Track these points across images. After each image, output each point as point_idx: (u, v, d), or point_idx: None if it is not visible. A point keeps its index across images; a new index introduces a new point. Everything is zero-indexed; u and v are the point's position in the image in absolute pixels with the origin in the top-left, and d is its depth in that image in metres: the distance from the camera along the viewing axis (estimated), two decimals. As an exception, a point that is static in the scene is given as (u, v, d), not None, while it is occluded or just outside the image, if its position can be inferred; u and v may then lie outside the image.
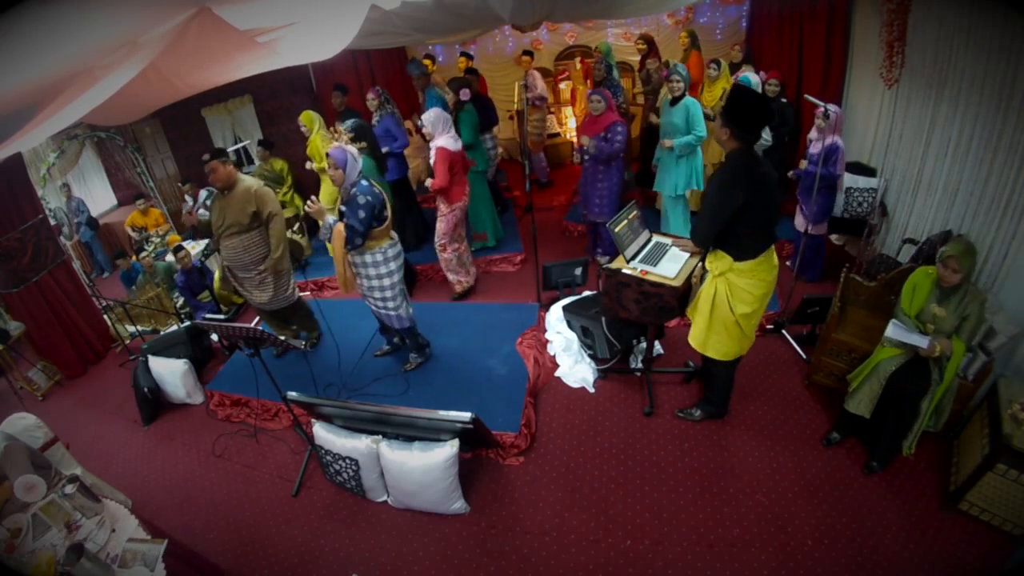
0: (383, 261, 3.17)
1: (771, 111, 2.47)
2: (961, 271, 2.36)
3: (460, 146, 4.01)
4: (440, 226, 4.20)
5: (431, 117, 3.87)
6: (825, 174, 3.54)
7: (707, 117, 4.23)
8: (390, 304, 3.30)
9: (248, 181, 3.44)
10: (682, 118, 3.97)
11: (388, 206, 3.12)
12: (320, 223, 3.11)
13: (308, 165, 4.82)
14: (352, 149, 3.00)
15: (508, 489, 2.91)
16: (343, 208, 3.02)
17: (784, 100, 4.31)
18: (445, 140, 3.90)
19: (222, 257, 3.61)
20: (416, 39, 4.73)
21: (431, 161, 3.95)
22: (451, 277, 4.52)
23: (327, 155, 2.98)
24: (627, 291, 2.89)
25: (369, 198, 2.95)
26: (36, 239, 4.27)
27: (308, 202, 3.02)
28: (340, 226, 3.01)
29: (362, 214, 2.93)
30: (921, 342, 2.46)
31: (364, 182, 3.02)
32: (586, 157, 4.14)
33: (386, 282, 3.22)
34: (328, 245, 5.10)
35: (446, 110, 4.49)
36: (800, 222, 3.91)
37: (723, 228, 2.42)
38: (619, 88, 5.08)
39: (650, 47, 5.35)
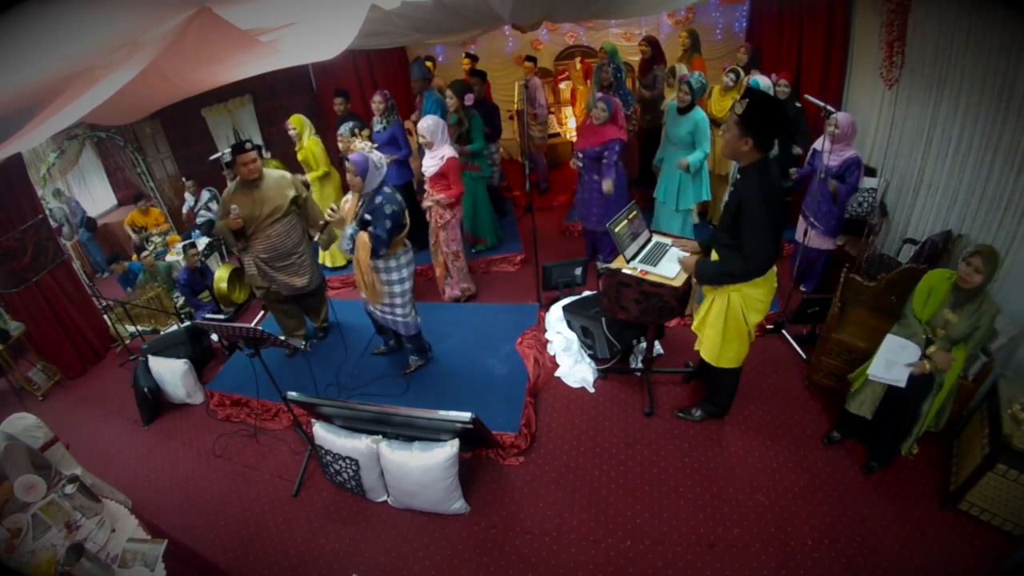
0: (395, 268, 3.14)
1: (789, 117, 2.30)
2: (983, 272, 2.30)
3: (456, 153, 3.94)
4: (448, 234, 4.12)
5: (430, 126, 3.72)
6: (846, 188, 3.44)
7: (714, 123, 4.12)
8: (398, 311, 3.28)
9: (274, 170, 3.49)
10: (688, 131, 3.85)
11: (406, 213, 3.08)
12: (339, 232, 3.05)
13: (302, 178, 4.73)
14: (375, 157, 2.91)
15: (508, 489, 2.91)
16: (367, 216, 2.95)
17: (798, 104, 4.12)
18: (449, 148, 3.82)
19: (255, 252, 3.47)
20: (416, 39, 4.71)
21: (428, 171, 3.86)
22: (463, 286, 4.46)
23: (347, 160, 2.91)
24: (627, 291, 2.89)
25: (395, 207, 2.92)
26: (36, 239, 4.27)
27: (328, 211, 2.96)
28: (364, 235, 2.92)
29: (388, 224, 2.90)
30: (901, 376, 2.45)
31: (387, 189, 2.97)
32: (580, 165, 4.09)
33: (396, 288, 3.19)
34: (323, 254, 5.16)
35: (444, 116, 4.42)
36: (801, 233, 3.75)
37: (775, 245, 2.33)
38: (629, 95, 4.90)
39: (655, 51, 5.14)
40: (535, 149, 6.01)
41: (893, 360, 2.51)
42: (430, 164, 3.85)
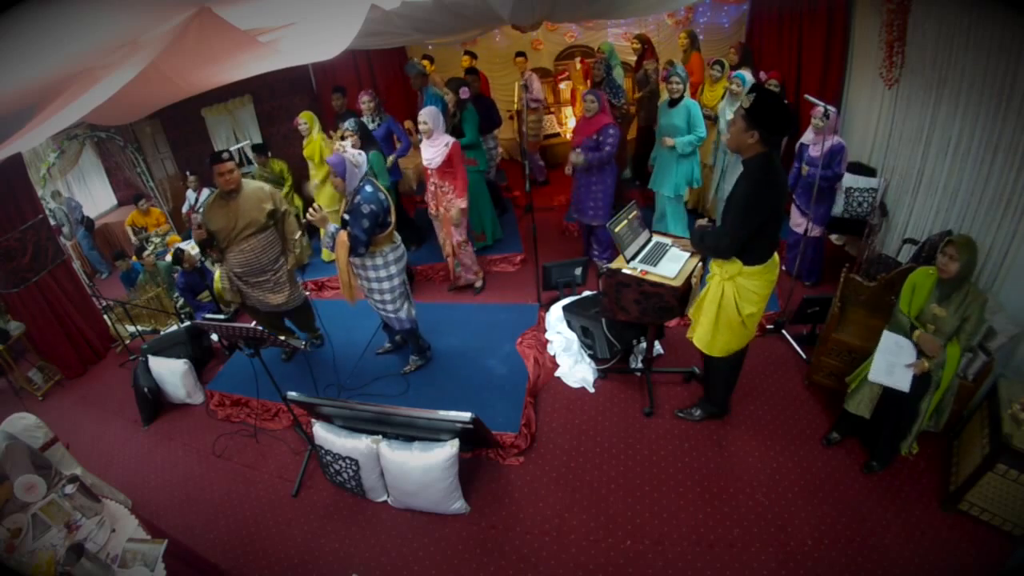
0: (383, 265, 3.15)
1: (792, 114, 2.40)
2: (958, 260, 2.32)
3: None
4: (465, 220, 4.18)
5: (432, 112, 3.80)
6: (831, 175, 3.51)
7: (707, 118, 4.23)
8: (389, 307, 3.29)
9: (252, 181, 3.41)
10: (683, 119, 3.97)
11: (392, 211, 3.08)
12: (322, 231, 3.06)
13: (308, 187, 4.75)
14: (351, 156, 2.93)
15: (508, 489, 2.91)
16: (346, 216, 2.96)
17: (785, 102, 4.25)
18: (448, 136, 3.89)
19: (230, 266, 3.38)
20: (416, 39, 4.72)
21: (433, 162, 3.89)
22: (474, 270, 4.56)
23: (327, 163, 2.93)
24: (627, 291, 2.88)
25: (373, 206, 2.90)
26: (36, 239, 4.27)
27: (310, 210, 2.95)
28: (343, 235, 2.94)
29: (366, 223, 2.90)
30: (904, 381, 2.43)
31: (368, 188, 2.96)
32: (580, 159, 4.13)
33: (385, 285, 3.20)
34: (325, 251, 5.18)
35: (444, 110, 4.48)
36: (798, 223, 3.84)
37: (748, 239, 2.36)
38: (620, 89, 5.06)
39: (645, 47, 5.31)
40: (528, 146, 6.03)
41: (893, 361, 2.49)
42: (435, 155, 3.87)
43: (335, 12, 2.74)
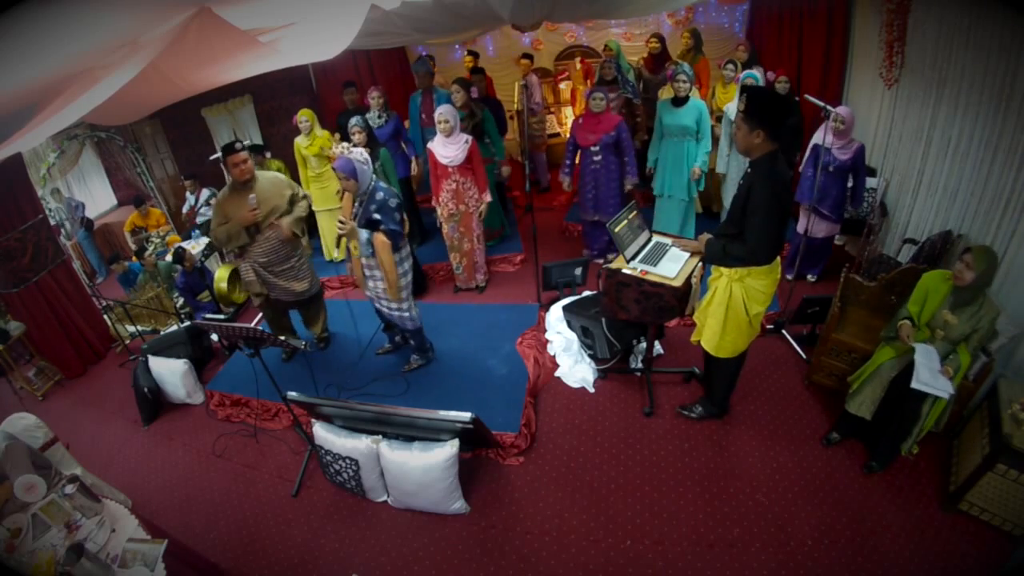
0: (398, 261, 3.14)
1: (789, 102, 2.40)
2: (975, 269, 2.31)
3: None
4: (477, 216, 4.23)
5: (453, 112, 3.84)
6: (861, 177, 3.59)
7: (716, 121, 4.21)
8: (404, 304, 3.29)
9: (267, 172, 3.47)
10: (692, 119, 3.91)
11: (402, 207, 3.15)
12: (352, 243, 3.03)
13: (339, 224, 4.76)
14: (355, 155, 2.93)
15: (508, 489, 2.91)
16: (376, 216, 2.96)
17: (796, 99, 4.13)
18: (464, 134, 3.94)
19: (253, 257, 3.40)
20: (416, 39, 4.74)
21: (455, 160, 3.90)
22: (481, 273, 4.62)
23: (334, 169, 2.92)
24: (627, 291, 2.88)
25: (398, 200, 3.00)
26: (36, 239, 4.27)
27: (338, 224, 2.93)
28: (380, 236, 2.93)
29: (397, 216, 2.97)
30: (946, 387, 2.37)
31: (382, 184, 3.02)
32: (596, 158, 4.10)
33: (402, 282, 3.20)
34: (346, 258, 5.18)
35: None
36: (802, 224, 3.79)
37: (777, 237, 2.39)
38: (635, 88, 5.03)
39: (664, 47, 5.21)
40: (534, 148, 6.03)
41: (931, 366, 2.43)
42: (457, 152, 3.89)
43: (335, 12, 2.74)
